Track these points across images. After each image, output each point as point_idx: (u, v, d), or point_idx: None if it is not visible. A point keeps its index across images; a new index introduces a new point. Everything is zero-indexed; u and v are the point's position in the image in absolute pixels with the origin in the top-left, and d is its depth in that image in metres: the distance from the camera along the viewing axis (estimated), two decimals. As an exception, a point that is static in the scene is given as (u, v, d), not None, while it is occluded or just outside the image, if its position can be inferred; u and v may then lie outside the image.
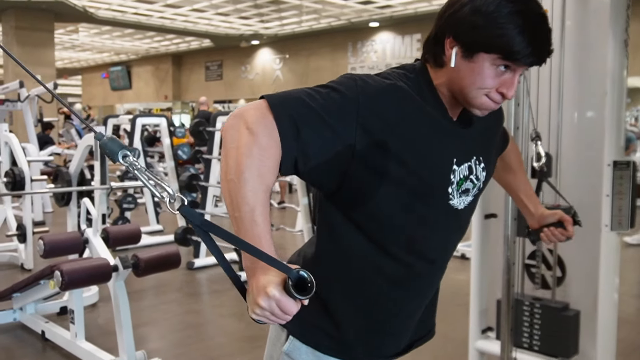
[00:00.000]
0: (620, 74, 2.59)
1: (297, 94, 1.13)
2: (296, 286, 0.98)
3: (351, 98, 1.13)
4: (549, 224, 1.68)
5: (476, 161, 1.29)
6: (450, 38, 1.19)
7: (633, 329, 4.06)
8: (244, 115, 1.08)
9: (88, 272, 2.76)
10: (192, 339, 3.99)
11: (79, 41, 21.11)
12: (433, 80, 1.25)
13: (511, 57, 1.14)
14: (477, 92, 1.19)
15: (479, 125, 1.31)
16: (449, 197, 1.25)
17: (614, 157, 2.58)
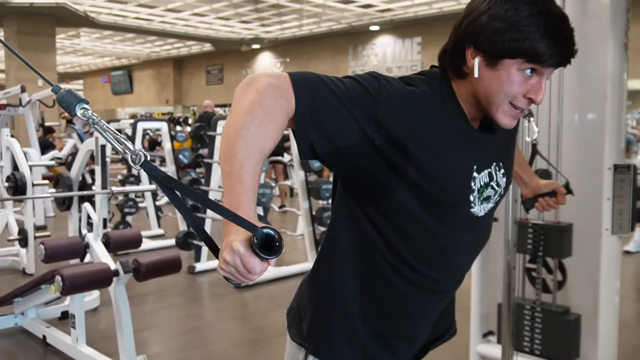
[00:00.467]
0: (621, 77, 2.59)
1: (320, 76, 1.12)
2: (263, 246, 0.94)
3: (372, 94, 1.12)
4: (543, 193, 1.76)
5: (496, 167, 1.28)
6: (471, 48, 1.16)
7: (634, 333, 4.05)
8: (258, 79, 1.07)
9: (89, 276, 2.76)
10: (194, 343, 3.99)
11: (80, 46, 21.16)
12: (455, 89, 1.22)
13: (536, 60, 1.11)
14: (502, 99, 1.16)
15: (500, 132, 1.29)
16: (470, 205, 1.23)
17: (614, 160, 2.58)
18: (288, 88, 1.07)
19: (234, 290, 5.10)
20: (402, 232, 1.20)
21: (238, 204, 1.00)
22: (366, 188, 1.19)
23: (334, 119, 1.10)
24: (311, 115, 1.08)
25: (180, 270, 4.25)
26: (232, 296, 5.02)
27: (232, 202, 1.00)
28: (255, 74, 1.10)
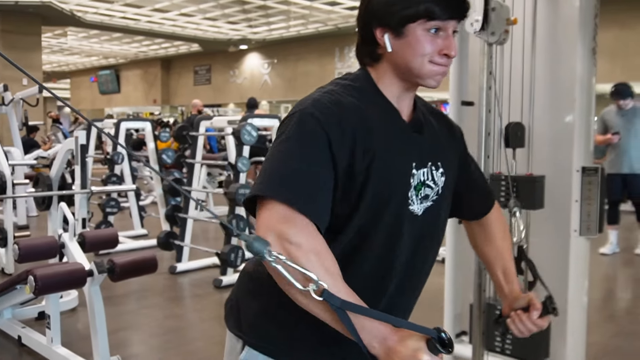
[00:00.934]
0: (589, 81, 2.63)
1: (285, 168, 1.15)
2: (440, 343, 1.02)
3: (321, 136, 1.16)
4: (517, 308, 1.40)
5: (432, 166, 1.30)
6: (378, 28, 1.24)
7: (605, 333, 4.10)
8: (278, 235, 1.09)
9: (62, 277, 2.75)
10: (172, 343, 3.99)
11: (67, 45, 21.07)
12: (378, 83, 1.28)
13: (432, 16, 1.20)
14: (421, 62, 1.23)
15: (431, 132, 1.33)
16: (409, 203, 1.26)
17: (582, 163, 2.62)
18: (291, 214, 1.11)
19: (214, 290, 5.11)
20: (344, 232, 1.22)
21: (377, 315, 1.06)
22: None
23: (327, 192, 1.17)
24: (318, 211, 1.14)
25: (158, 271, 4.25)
26: (212, 296, 5.02)
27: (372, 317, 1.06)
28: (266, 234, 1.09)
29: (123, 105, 26.21)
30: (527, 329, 1.36)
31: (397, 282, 1.30)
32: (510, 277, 1.48)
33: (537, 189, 2.65)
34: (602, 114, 6.17)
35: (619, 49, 12.25)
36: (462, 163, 1.46)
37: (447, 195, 1.37)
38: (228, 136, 6.22)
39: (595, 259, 6.01)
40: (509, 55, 2.72)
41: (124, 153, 7.01)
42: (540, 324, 1.35)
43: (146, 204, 9.18)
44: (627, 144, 5.99)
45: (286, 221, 1.10)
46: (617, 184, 6.07)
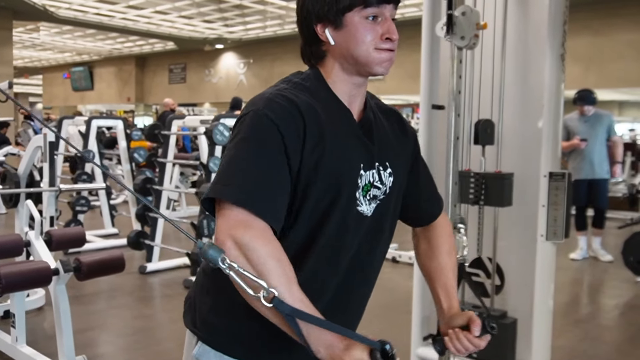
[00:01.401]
0: (557, 87, 2.67)
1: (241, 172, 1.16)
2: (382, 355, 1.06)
3: (276, 136, 1.17)
4: (455, 326, 1.30)
5: (380, 167, 1.31)
6: (317, 25, 1.26)
7: (573, 337, 4.16)
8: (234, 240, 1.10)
9: (27, 275, 2.71)
10: (140, 343, 3.95)
11: (39, 40, 20.74)
12: (328, 81, 1.29)
13: (367, 2, 1.22)
14: (365, 49, 1.24)
15: (381, 133, 1.34)
16: (357, 203, 1.27)
17: (550, 168, 2.65)
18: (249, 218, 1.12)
19: (184, 290, 5.06)
20: (294, 231, 1.23)
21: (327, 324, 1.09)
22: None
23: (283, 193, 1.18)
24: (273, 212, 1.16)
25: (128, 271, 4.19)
26: (182, 297, 4.89)
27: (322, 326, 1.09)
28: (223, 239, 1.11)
29: (96, 102, 25.88)
30: (465, 347, 1.26)
31: (344, 280, 1.32)
32: (451, 293, 1.41)
33: (506, 186, 2.68)
34: (564, 120, 6.12)
35: (593, 55, 12.47)
36: (413, 164, 1.45)
37: (396, 195, 1.38)
38: (201, 136, 6.18)
39: (565, 263, 6.10)
40: (479, 60, 2.74)
41: (94, 151, 6.93)
42: (478, 344, 1.26)
43: (117, 203, 9.07)
44: (590, 150, 6.08)
45: (244, 226, 1.11)
46: (582, 190, 6.14)
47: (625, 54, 12.16)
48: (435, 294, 1.43)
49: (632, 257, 4.95)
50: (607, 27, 12.42)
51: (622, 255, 5.10)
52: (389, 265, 5.94)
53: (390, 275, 5.46)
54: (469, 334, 1.25)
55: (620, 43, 12.27)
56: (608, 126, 6.19)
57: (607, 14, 12.27)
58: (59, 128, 7.15)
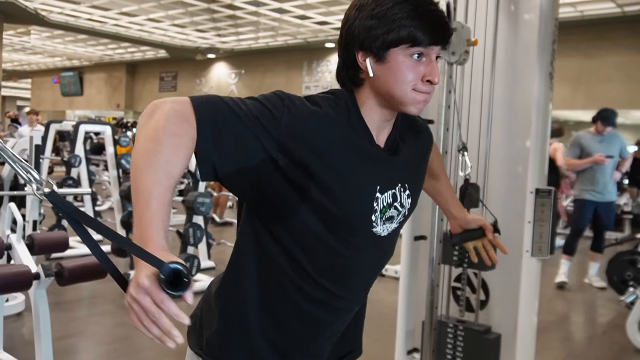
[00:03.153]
0: (545, 105, 2.69)
1: (223, 98, 1.12)
2: (171, 282, 0.90)
3: (275, 115, 1.13)
4: (470, 230, 1.68)
5: (401, 188, 1.29)
6: (359, 52, 1.21)
7: (557, 355, 4.16)
8: (161, 104, 1.07)
9: (6, 278, 2.65)
10: (120, 352, 3.90)
11: (30, 44, 20.65)
12: (359, 104, 1.25)
13: (415, 41, 1.17)
14: (404, 89, 1.20)
15: (407, 153, 1.32)
16: (372, 225, 1.25)
17: (536, 184, 2.66)
18: (191, 112, 1.07)
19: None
20: (304, 250, 1.21)
21: (147, 235, 0.98)
22: (270, 207, 1.20)
23: (237, 142, 1.10)
24: (213, 137, 1.08)
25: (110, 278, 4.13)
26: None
27: (141, 233, 0.99)
28: (157, 100, 1.08)
29: (85, 108, 25.78)
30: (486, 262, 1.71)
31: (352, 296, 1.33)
32: (455, 202, 1.72)
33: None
34: (577, 138, 5.90)
35: (581, 76, 12.61)
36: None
37: (409, 216, 1.38)
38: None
39: (549, 283, 6.11)
40: (470, 75, 2.76)
41: (81, 156, 6.88)
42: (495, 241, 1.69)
43: (103, 210, 9.00)
44: (604, 171, 5.79)
45: (183, 107, 1.07)
46: (588, 213, 5.89)
47: (613, 76, 12.31)
48: (443, 205, 1.72)
49: (616, 277, 4.97)
50: (596, 50, 12.57)
51: (606, 274, 5.12)
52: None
53: (376, 288, 5.37)
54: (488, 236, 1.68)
55: (608, 65, 12.42)
56: (621, 146, 5.97)
57: (596, 37, 12.43)
58: (46, 132, 7.08)
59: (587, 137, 5.84)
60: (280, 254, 1.22)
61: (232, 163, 1.11)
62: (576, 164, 5.79)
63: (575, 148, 5.82)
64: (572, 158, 5.84)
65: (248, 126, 1.10)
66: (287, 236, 1.21)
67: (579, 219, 5.98)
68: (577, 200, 5.95)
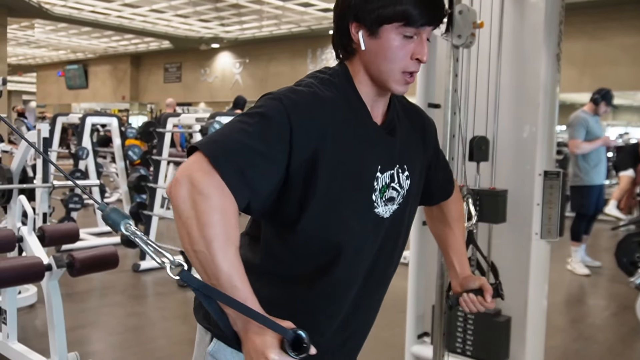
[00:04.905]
0: (553, 87, 2.67)
1: (231, 134, 1.12)
2: (293, 345, 1.01)
3: (282, 122, 1.13)
4: (470, 289, 1.53)
5: (399, 169, 1.30)
6: (353, 23, 1.22)
7: (566, 337, 4.17)
8: (191, 181, 1.06)
9: (19, 270, 2.68)
10: (132, 341, 3.93)
11: (34, 37, 20.66)
12: (354, 76, 1.26)
13: (408, 20, 1.18)
14: (391, 68, 1.21)
15: (403, 134, 1.32)
16: (374, 205, 1.25)
17: (545, 167, 2.65)
18: (216, 174, 1.07)
19: (177, 289, 5.05)
20: (314, 236, 1.22)
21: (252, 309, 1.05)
22: (282, 209, 1.21)
23: (261, 174, 1.12)
24: (242, 184, 1.09)
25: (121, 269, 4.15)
26: (175, 295, 4.96)
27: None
28: (181, 176, 1.07)
29: (91, 101, 25.81)
30: (478, 309, 1.52)
31: (362, 284, 1.31)
32: (463, 258, 1.59)
33: (500, 203, 2.68)
34: (583, 119, 5.70)
35: (588, 59, 12.52)
36: (432, 157, 1.49)
37: (413, 199, 1.37)
38: (196, 134, 6.16)
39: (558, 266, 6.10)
40: (476, 59, 2.74)
41: (88, 148, 6.90)
42: (488, 306, 1.51)
43: (111, 201, 9.04)
44: (602, 153, 5.79)
45: (205, 173, 1.07)
46: (595, 196, 5.83)
47: (620, 58, 12.22)
48: (448, 259, 1.61)
49: (625, 259, 4.96)
50: (602, 31, 12.47)
51: (615, 256, 5.11)
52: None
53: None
54: (482, 299, 1.50)
55: (615, 47, 12.32)
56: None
57: (602, 18, 12.33)
58: (53, 125, 7.10)
59: (588, 118, 5.72)
60: (288, 240, 1.23)
61: (262, 196, 1.14)
62: (587, 147, 5.66)
63: (582, 129, 5.65)
64: (580, 140, 5.70)
65: (264, 154, 1.11)
66: (294, 233, 1.21)
67: (588, 204, 5.86)
68: (585, 186, 5.80)
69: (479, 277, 1.54)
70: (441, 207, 1.61)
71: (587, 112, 5.77)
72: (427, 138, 1.45)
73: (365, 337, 1.44)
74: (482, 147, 2.66)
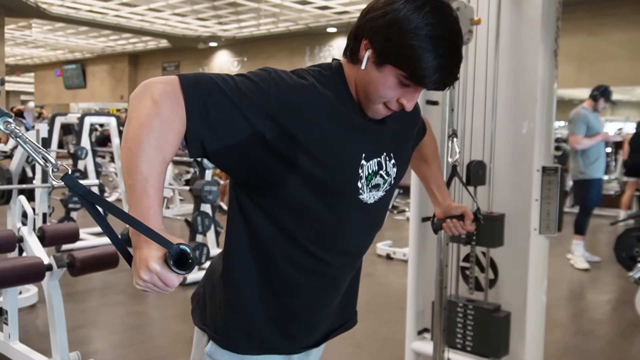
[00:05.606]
0: (551, 82, 2.68)
1: (211, 76, 1.14)
2: (177, 261, 0.99)
3: (263, 90, 1.14)
4: (452, 216, 1.74)
5: (386, 157, 1.32)
6: (366, 40, 1.20)
7: (566, 332, 4.18)
8: (151, 86, 1.07)
9: (20, 270, 2.69)
10: (133, 340, 3.94)
11: (31, 37, 20.63)
12: (348, 76, 1.27)
13: (416, 80, 1.17)
14: (376, 99, 1.22)
15: (392, 123, 1.33)
16: (359, 192, 1.27)
17: (542, 162, 2.66)
18: (180, 93, 1.08)
19: (178, 288, 5.02)
20: (292, 219, 1.24)
21: (146, 217, 1.02)
22: (258, 182, 1.21)
23: (224, 118, 1.11)
24: (200, 114, 1.09)
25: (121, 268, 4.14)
26: (176, 294, 4.97)
27: (141, 216, 1.02)
28: (147, 81, 1.09)
29: (89, 100, 25.78)
30: (459, 232, 1.73)
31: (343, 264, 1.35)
32: (443, 189, 1.78)
33: (497, 227, 2.71)
34: (583, 115, 5.79)
35: (586, 54, 12.52)
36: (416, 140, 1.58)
37: (396, 186, 1.40)
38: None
39: (557, 261, 6.12)
40: (474, 55, 2.75)
41: (87, 148, 6.90)
42: (470, 229, 1.73)
43: (111, 201, 9.04)
44: (602, 148, 5.89)
45: (170, 89, 1.08)
46: (597, 190, 5.91)
47: (618, 53, 12.22)
48: (429, 190, 1.79)
49: (624, 253, 4.97)
50: (599, 27, 12.46)
51: (615, 251, 5.12)
52: (384, 262, 5.95)
53: (385, 272, 5.47)
54: (463, 223, 1.71)
55: (613, 42, 12.32)
56: None
57: (599, 14, 12.32)
58: (51, 125, 7.11)
59: (588, 114, 5.83)
60: (269, 225, 1.25)
61: (220, 139, 1.12)
62: (588, 142, 5.77)
63: (583, 125, 5.76)
64: (579, 135, 5.79)
65: (235, 103, 1.12)
66: (275, 208, 1.23)
67: (591, 198, 5.94)
68: (586, 180, 5.89)
69: (460, 205, 1.74)
70: (419, 149, 1.68)
71: (587, 109, 5.87)
72: (414, 123, 1.49)
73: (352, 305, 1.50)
74: (479, 172, 2.69)
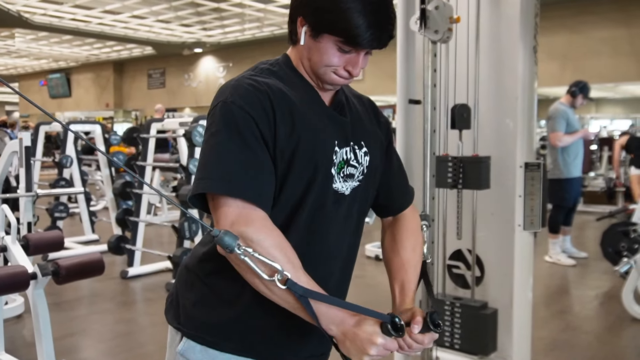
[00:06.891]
0: (531, 79, 2.70)
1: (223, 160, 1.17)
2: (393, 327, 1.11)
3: (247, 121, 1.18)
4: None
5: (354, 146, 1.32)
6: (300, 17, 1.24)
7: (554, 328, 4.20)
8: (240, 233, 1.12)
9: (3, 280, 2.66)
10: (122, 347, 3.92)
11: (15, 47, 20.48)
12: (296, 63, 1.30)
13: (351, 42, 1.20)
14: (324, 70, 1.25)
15: (353, 114, 1.36)
16: (333, 180, 1.27)
17: (525, 158, 2.68)
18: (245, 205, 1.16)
19: (166, 294, 5.02)
20: (279, 214, 1.23)
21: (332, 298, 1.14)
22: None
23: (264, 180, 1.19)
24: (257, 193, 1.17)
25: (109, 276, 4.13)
26: (164, 300, 4.88)
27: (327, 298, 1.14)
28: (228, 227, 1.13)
29: (74, 109, 25.62)
30: (408, 344, 1.18)
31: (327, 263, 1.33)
32: (405, 289, 1.36)
33: (483, 169, 2.69)
34: (563, 111, 5.71)
35: (569, 52, 12.62)
36: (386, 153, 1.44)
37: (374, 177, 1.38)
38: (180, 138, 6.15)
39: (543, 258, 6.15)
40: (454, 54, 2.77)
41: (72, 156, 6.86)
42: (420, 340, 1.17)
43: (98, 210, 8.99)
44: (581, 145, 5.84)
45: (245, 221, 1.14)
46: (576, 188, 5.91)
47: (601, 50, 12.32)
48: (392, 289, 1.39)
49: (610, 248, 5.02)
50: (582, 25, 12.56)
51: (601, 246, 5.16)
52: (372, 263, 5.96)
53: (374, 273, 5.47)
54: (410, 330, 1.16)
55: (595, 40, 12.42)
56: None
57: (581, 12, 12.42)
58: (35, 134, 7.05)
59: (567, 110, 5.76)
60: None
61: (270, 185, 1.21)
62: (569, 139, 5.69)
63: (563, 121, 5.69)
64: (560, 132, 5.72)
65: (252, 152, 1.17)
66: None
67: (569, 197, 5.92)
68: (566, 179, 5.82)
69: (413, 308, 1.27)
70: (394, 234, 1.45)
71: (565, 104, 5.81)
72: (382, 127, 1.45)
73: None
74: (464, 115, 2.68)
